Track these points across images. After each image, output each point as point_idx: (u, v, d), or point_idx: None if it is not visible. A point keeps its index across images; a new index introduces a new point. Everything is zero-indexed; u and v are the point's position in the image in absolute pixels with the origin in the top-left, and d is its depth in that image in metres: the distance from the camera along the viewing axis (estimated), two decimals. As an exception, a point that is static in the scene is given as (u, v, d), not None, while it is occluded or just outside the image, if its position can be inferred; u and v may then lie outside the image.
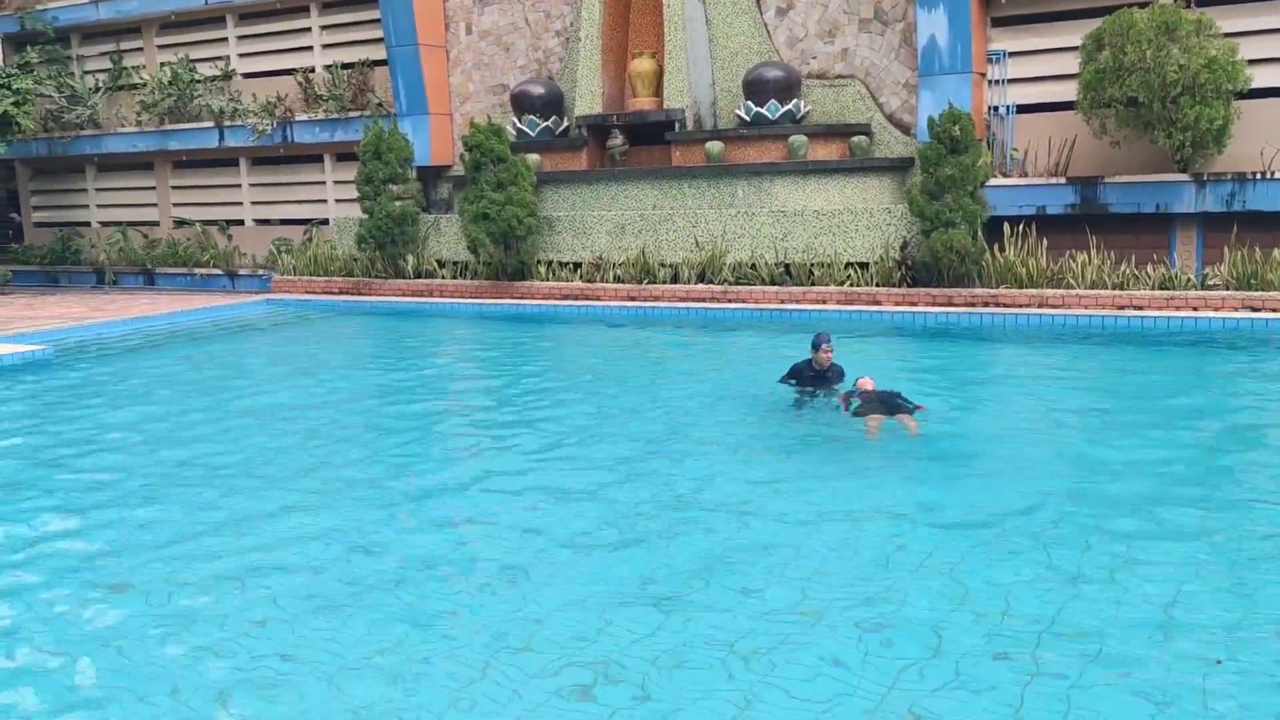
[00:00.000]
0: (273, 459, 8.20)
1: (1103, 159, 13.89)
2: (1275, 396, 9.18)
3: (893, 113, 15.47)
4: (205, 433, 9.11)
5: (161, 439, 8.91)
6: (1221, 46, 12.37)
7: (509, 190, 15.77)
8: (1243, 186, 12.87)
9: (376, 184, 17.11)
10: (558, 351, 13.18)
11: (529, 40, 18.19)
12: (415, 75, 18.38)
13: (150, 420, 9.64)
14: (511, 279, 16.36)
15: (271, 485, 7.50)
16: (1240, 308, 12.26)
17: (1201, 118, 12.34)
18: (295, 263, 18.79)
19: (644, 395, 10.05)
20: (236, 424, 9.44)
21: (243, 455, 8.32)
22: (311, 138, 19.84)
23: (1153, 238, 13.66)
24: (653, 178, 16.08)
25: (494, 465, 7.93)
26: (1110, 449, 7.71)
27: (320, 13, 20.08)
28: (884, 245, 14.18)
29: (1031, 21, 14.53)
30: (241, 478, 7.70)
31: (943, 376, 10.58)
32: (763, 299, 14.37)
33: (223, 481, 7.61)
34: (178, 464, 8.11)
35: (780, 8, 16.10)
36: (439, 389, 11.29)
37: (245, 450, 8.48)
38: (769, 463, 7.73)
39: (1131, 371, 10.42)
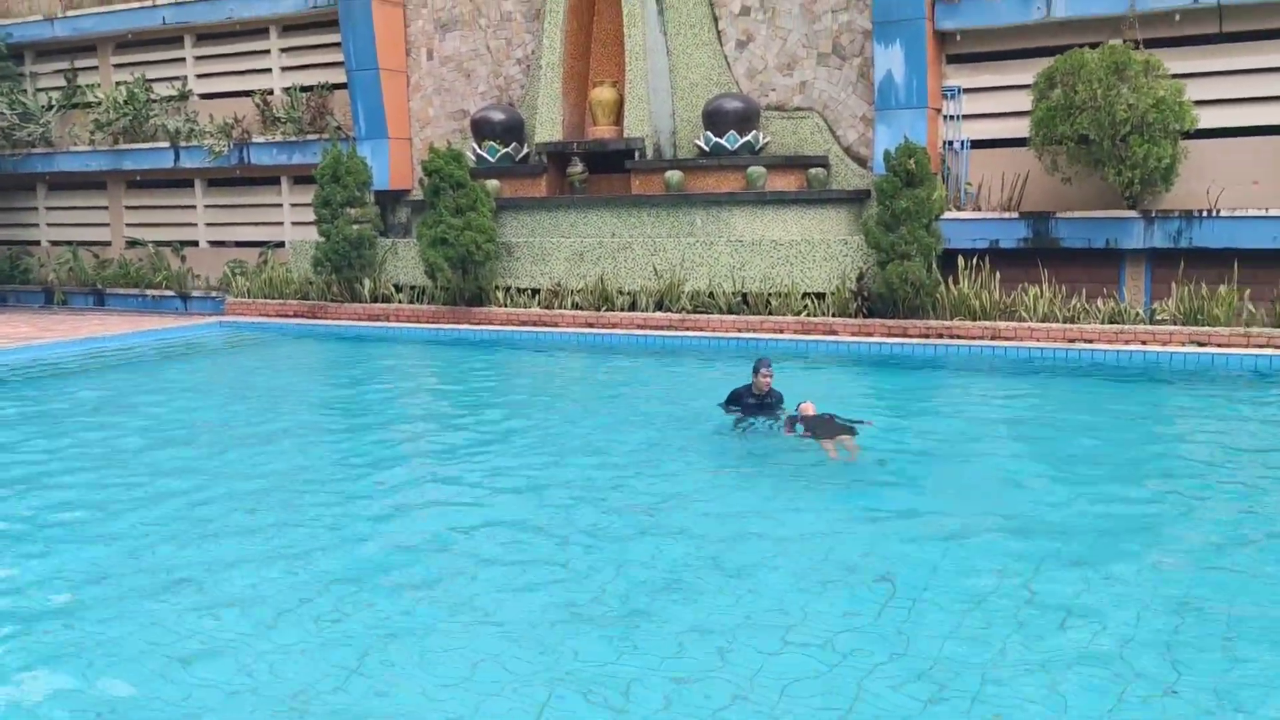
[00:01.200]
0: (218, 486, 8.06)
1: (1054, 195, 14.14)
2: (1219, 430, 9.33)
3: (850, 145, 15.66)
4: (143, 457, 8.94)
5: (101, 461, 8.73)
6: (1169, 87, 12.66)
7: (468, 215, 15.73)
8: (1189, 224, 13.14)
9: (334, 207, 17.01)
10: (514, 378, 13.12)
11: (490, 67, 18.22)
12: (375, 99, 18.33)
13: (90, 445, 9.45)
14: (469, 304, 16.30)
15: (214, 514, 7.37)
16: (1187, 342, 12.48)
17: (1150, 156, 12.60)
18: (250, 285, 18.59)
19: (598, 422, 10.02)
20: (182, 447, 9.28)
21: (186, 477, 8.17)
22: (269, 160, 19.70)
23: (1103, 272, 13.90)
24: (612, 206, 16.12)
25: (443, 491, 7.86)
26: (1053, 479, 7.79)
27: (280, 35, 20.00)
28: (840, 276, 14.30)
29: (985, 59, 14.80)
30: (187, 498, 7.56)
31: (897, 406, 10.66)
32: (720, 328, 14.42)
33: (167, 502, 7.46)
34: (121, 486, 7.95)
35: (740, 40, 16.27)
36: (392, 414, 11.18)
37: (189, 471, 8.33)
38: (713, 487, 7.73)
39: (1081, 404, 10.55)
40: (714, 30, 16.39)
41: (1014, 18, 14.08)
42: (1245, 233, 12.91)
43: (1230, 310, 12.60)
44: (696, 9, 16.41)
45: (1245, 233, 12.91)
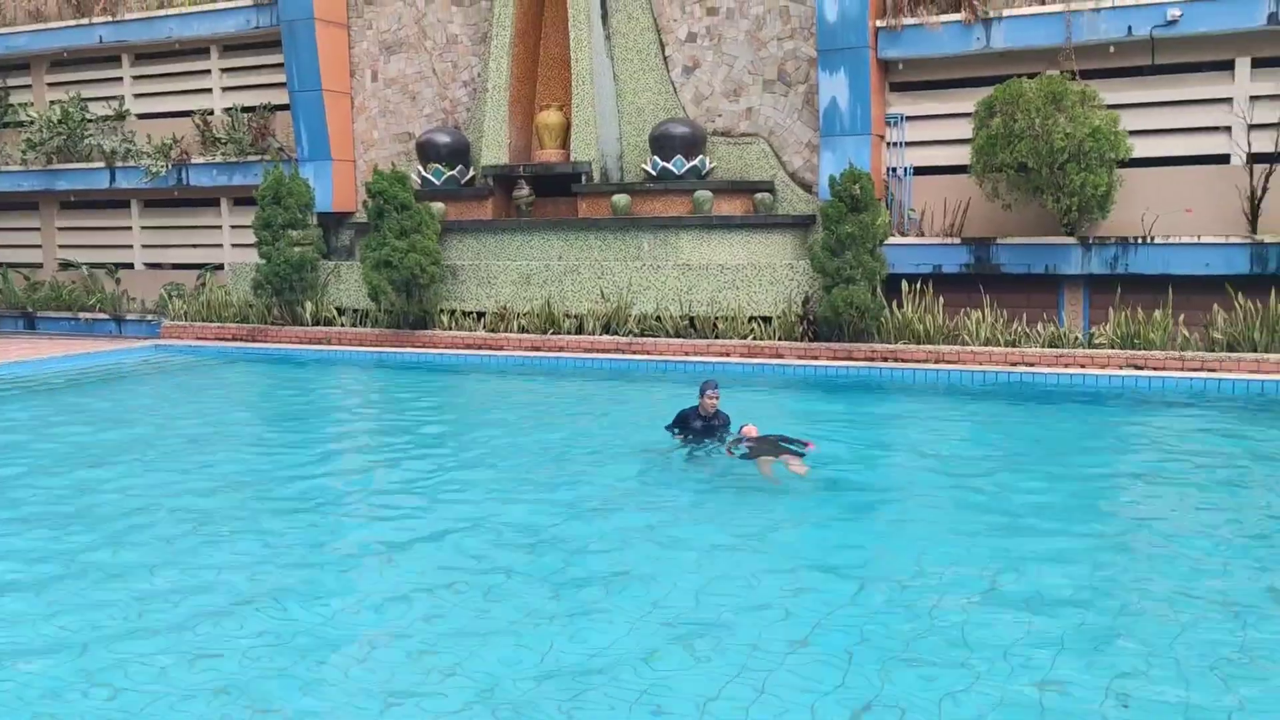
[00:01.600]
0: (141, 512, 7.82)
1: (995, 221, 14.38)
2: (1156, 451, 9.49)
3: (795, 171, 15.81)
4: (69, 480, 8.66)
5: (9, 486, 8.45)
6: (1104, 117, 12.97)
7: (412, 238, 15.58)
8: (1125, 250, 13.44)
9: (275, 229, 16.75)
10: (458, 401, 12.97)
11: (436, 89, 18.14)
12: (318, 121, 18.14)
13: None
14: (413, 328, 16.11)
15: (141, 541, 7.14)
16: (1125, 366, 12.72)
17: (1087, 184, 12.87)
18: (187, 308, 18.22)
19: (543, 445, 9.92)
20: (109, 469, 9.00)
21: (117, 500, 7.93)
22: (209, 181, 19.38)
23: (1042, 297, 14.15)
24: (559, 229, 16.08)
25: (380, 514, 7.72)
26: (996, 501, 7.85)
27: (221, 55, 19.73)
28: (786, 300, 14.39)
29: (927, 88, 15.06)
30: (111, 523, 7.32)
31: (841, 428, 10.70)
32: (667, 351, 14.41)
33: (95, 525, 7.21)
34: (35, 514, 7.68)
35: (687, 66, 16.39)
36: (330, 438, 10.97)
37: (120, 495, 8.08)
38: (657, 509, 7.68)
39: (1022, 426, 10.68)
40: (660, 56, 16.49)
41: (954, 47, 14.35)
42: (1178, 259, 13.23)
43: (1165, 334, 12.88)
44: (643, 35, 16.51)
45: (1178, 259, 13.23)
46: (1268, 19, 12.79)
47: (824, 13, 14.58)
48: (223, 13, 18.90)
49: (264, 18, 18.53)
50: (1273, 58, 13.27)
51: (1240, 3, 12.90)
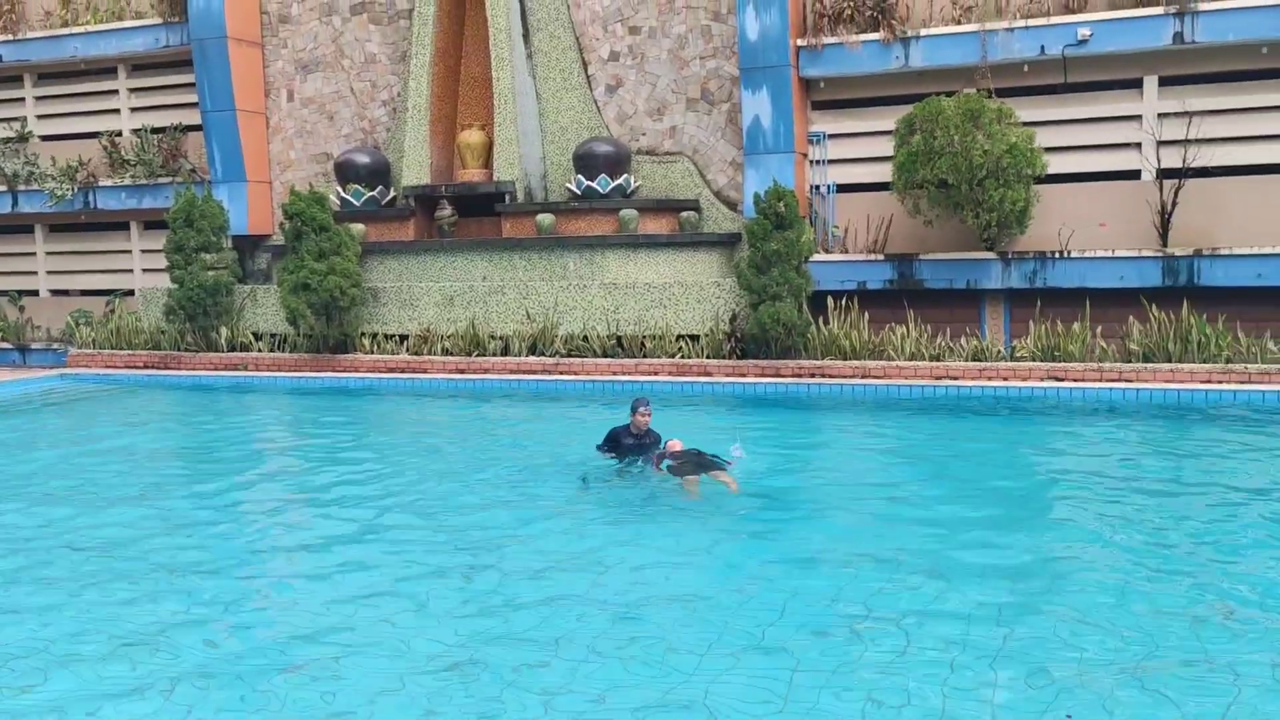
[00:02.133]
0: (36, 544, 7.43)
1: (917, 237, 14.54)
2: (1078, 460, 9.60)
3: (720, 189, 15.83)
4: None
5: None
6: (1021, 134, 13.21)
7: (331, 260, 15.23)
8: (1043, 264, 13.68)
9: (188, 253, 16.24)
10: (379, 426, 12.64)
11: (354, 109, 17.82)
12: (232, 141, 17.68)
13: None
14: (333, 352, 15.72)
15: (40, 577, 6.77)
16: (1046, 378, 12.91)
17: (1005, 200, 13.08)
18: (95, 335, 17.56)
19: (467, 468, 9.70)
20: (8, 502, 8.56)
21: (11, 533, 7.51)
22: (117, 204, 18.75)
23: (965, 311, 14.33)
24: (483, 249, 15.86)
25: (299, 542, 7.43)
26: (918, 512, 7.85)
27: (129, 75, 19.14)
28: (714, 318, 14.35)
29: (849, 106, 15.20)
30: (8, 558, 6.92)
31: (769, 445, 10.65)
32: (595, 371, 14.26)
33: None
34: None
35: (610, 85, 16.33)
36: (245, 466, 10.59)
37: (14, 529, 7.66)
38: (584, 528, 7.54)
39: (947, 440, 10.75)
40: (583, 75, 16.41)
41: (874, 66, 14.52)
42: (1094, 273, 13.50)
43: (1084, 346, 13.12)
44: (566, 54, 16.42)
45: (1094, 273, 13.50)
46: (1173, 38, 13.17)
47: (745, 32, 14.65)
48: (130, 31, 18.35)
49: (174, 36, 18.03)
50: (1179, 76, 13.67)
51: (1147, 23, 13.27)
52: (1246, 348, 12.53)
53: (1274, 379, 11.99)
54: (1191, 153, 13.35)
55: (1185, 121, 13.45)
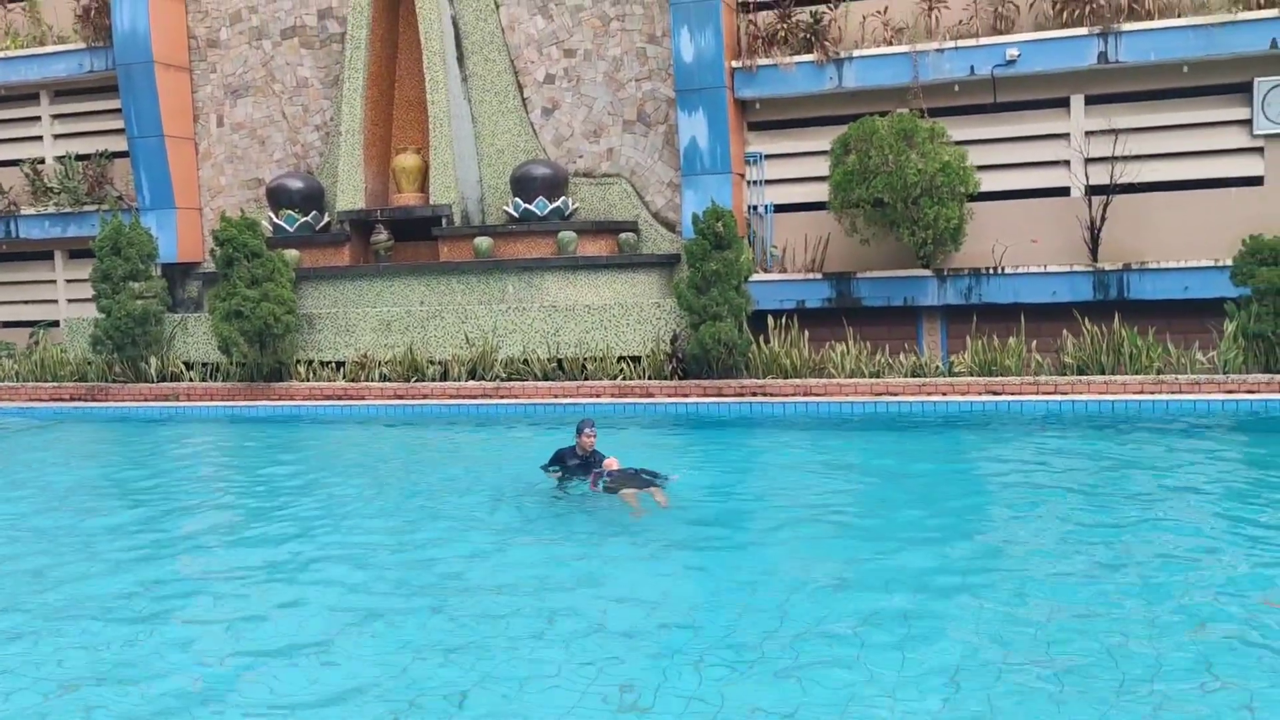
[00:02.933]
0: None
1: (855, 255, 14.66)
2: (1018, 473, 9.68)
3: (658, 210, 15.83)
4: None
5: None
6: (953, 153, 13.40)
7: (265, 286, 14.93)
8: (978, 281, 13.86)
9: (115, 282, 15.81)
10: (318, 454, 12.36)
11: (286, 134, 17.55)
12: (160, 168, 17.31)
13: None
14: (268, 380, 15.39)
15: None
16: (984, 392, 13.03)
17: (940, 217, 13.24)
18: (18, 368, 17.00)
19: (407, 494, 9.50)
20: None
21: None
22: (40, 233, 18.26)
23: (903, 328, 14.46)
24: (420, 273, 15.67)
25: (234, 577, 7.18)
26: (864, 528, 7.84)
27: (52, 101, 18.70)
28: (655, 339, 14.30)
29: (784, 126, 15.32)
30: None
31: (711, 464, 10.61)
32: (536, 394, 14.12)
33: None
34: None
35: (546, 108, 16.28)
36: (178, 497, 10.27)
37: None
38: (527, 550, 7.42)
39: (889, 455, 10.78)
40: (519, 98, 16.35)
41: (808, 87, 14.65)
42: (1027, 288, 13.71)
43: (1020, 361, 13.28)
44: (501, 77, 16.35)
45: (1027, 288, 13.71)
46: (1098, 58, 13.47)
47: (680, 54, 14.71)
48: (52, 56, 17.94)
49: (99, 61, 17.65)
50: (1104, 95, 13.98)
51: (1072, 43, 13.57)
52: (1177, 358, 12.78)
53: (1204, 388, 12.24)
54: (1118, 169, 13.64)
55: (1111, 139, 13.75)
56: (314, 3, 17.22)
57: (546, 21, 16.19)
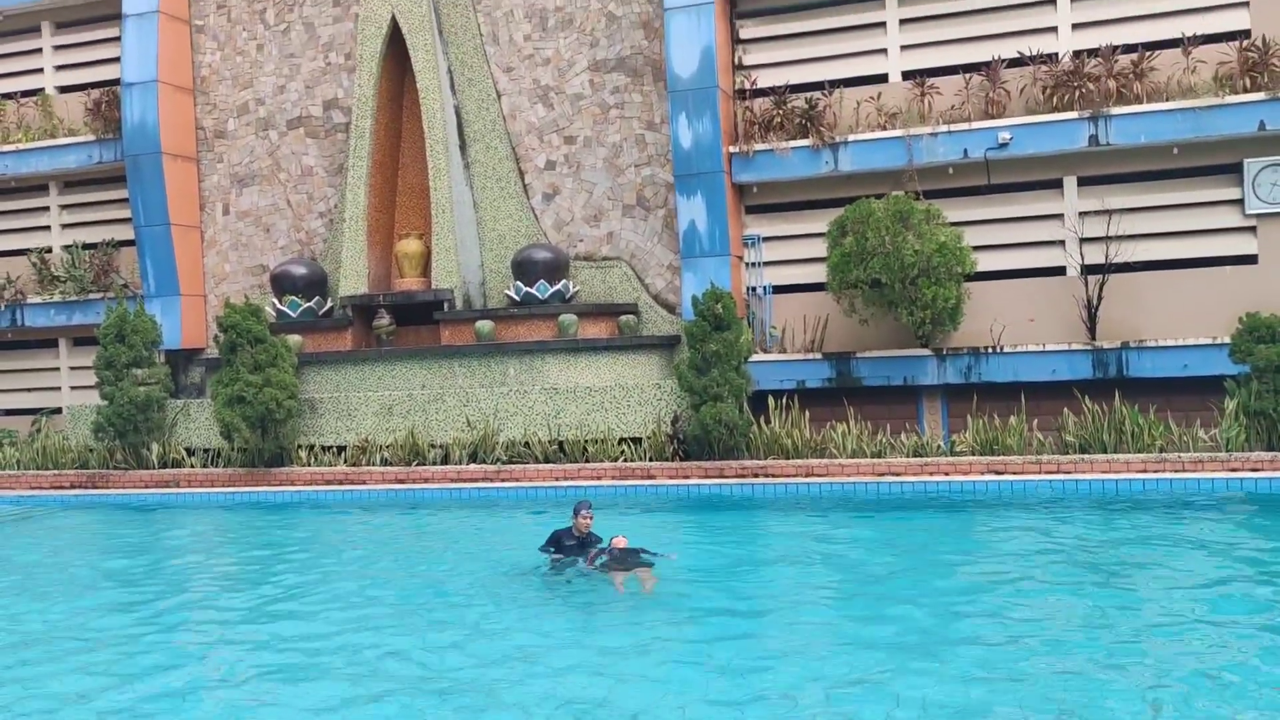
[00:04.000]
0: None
1: (854, 335, 14.73)
2: (1022, 554, 9.60)
3: (658, 293, 15.96)
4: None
5: None
6: (949, 234, 13.56)
7: (267, 372, 14.99)
8: (978, 360, 13.90)
9: (118, 368, 15.89)
10: (319, 540, 12.28)
11: (291, 221, 17.80)
12: (166, 256, 17.53)
13: None
14: (269, 465, 15.36)
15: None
16: (986, 471, 12.99)
17: (937, 297, 13.35)
18: (19, 456, 16.99)
19: (408, 579, 9.42)
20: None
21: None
22: (46, 321, 18.40)
23: (903, 408, 14.46)
24: (421, 357, 15.75)
25: (235, 664, 7.09)
26: (868, 611, 7.75)
27: (61, 191, 19.01)
28: (656, 420, 14.31)
29: (781, 210, 15.53)
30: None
31: (715, 546, 10.53)
32: (537, 477, 14.08)
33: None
34: None
35: (547, 193, 16.53)
36: (174, 587, 10.18)
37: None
38: (519, 633, 7.35)
39: (892, 536, 10.70)
40: (520, 183, 16.61)
41: (804, 171, 14.89)
42: (1027, 367, 13.76)
43: (1021, 439, 13.25)
44: (502, 164, 16.64)
45: (1027, 367, 13.76)
46: (1089, 141, 13.70)
47: (679, 140, 14.98)
48: (63, 148, 18.28)
49: (108, 153, 17.98)
50: (1097, 176, 14.19)
51: (1063, 127, 13.81)
52: (1179, 436, 12.76)
53: (1207, 467, 12.19)
54: (1113, 249, 13.78)
55: (1105, 219, 13.92)
56: (320, 94, 17.61)
57: (547, 110, 16.52)
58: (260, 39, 17.90)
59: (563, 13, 16.43)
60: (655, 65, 15.91)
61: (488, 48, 16.79)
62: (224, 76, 18.08)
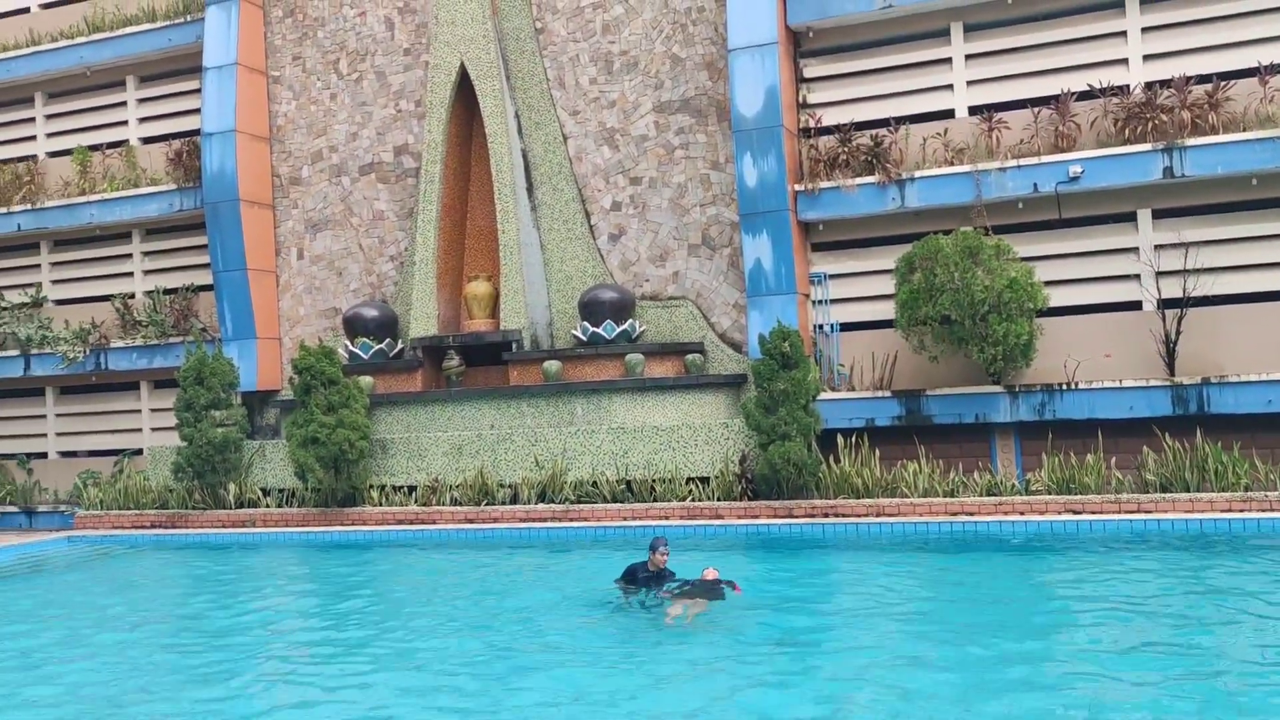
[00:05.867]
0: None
1: (923, 372, 14.56)
2: (1104, 596, 9.35)
3: (724, 331, 15.96)
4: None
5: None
6: (1020, 269, 13.37)
7: (340, 413, 15.26)
8: (1051, 397, 13.64)
9: (197, 410, 16.29)
10: (389, 579, 12.40)
11: (363, 264, 18.17)
12: (243, 300, 17.98)
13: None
14: (341, 505, 15.58)
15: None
16: (1063, 511, 12.71)
17: (1009, 334, 13.15)
18: (103, 496, 17.45)
19: (479, 618, 9.46)
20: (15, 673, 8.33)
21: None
22: (128, 364, 18.94)
23: (975, 446, 14.22)
24: (490, 397, 15.90)
25: (318, 700, 7.17)
26: (941, 653, 7.59)
27: (143, 239, 19.63)
28: (723, 459, 14.25)
29: (848, 246, 15.46)
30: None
31: (786, 587, 10.41)
32: (605, 517, 14.09)
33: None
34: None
35: (613, 234, 16.67)
36: (257, 623, 10.34)
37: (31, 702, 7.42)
38: (601, 674, 7.29)
39: (966, 577, 10.50)
40: (586, 224, 16.78)
41: (871, 208, 14.82)
42: (1103, 404, 13.45)
43: (1099, 478, 12.95)
44: (569, 205, 16.83)
45: (1103, 404, 13.45)
46: (1163, 173, 13.45)
47: (744, 179, 15.02)
48: (146, 197, 18.89)
49: (188, 200, 18.55)
50: (1172, 208, 13.91)
51: (1136, 159, 13.57)
52: (1265, 474, 12.36)
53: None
54: (1191, 282, 13.47)
55: (1182, 252, 13.62)
56: (391, 140, 18.01)
57: (613, 151, 16.70)
58: (333, 88, 18.39)
59: (628, 56, 16.65)
60: (719, 106, 16.01)
61: (554, 92, 17.06)
62: (299, 125, 18.60)
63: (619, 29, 16.72)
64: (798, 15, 15.21)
